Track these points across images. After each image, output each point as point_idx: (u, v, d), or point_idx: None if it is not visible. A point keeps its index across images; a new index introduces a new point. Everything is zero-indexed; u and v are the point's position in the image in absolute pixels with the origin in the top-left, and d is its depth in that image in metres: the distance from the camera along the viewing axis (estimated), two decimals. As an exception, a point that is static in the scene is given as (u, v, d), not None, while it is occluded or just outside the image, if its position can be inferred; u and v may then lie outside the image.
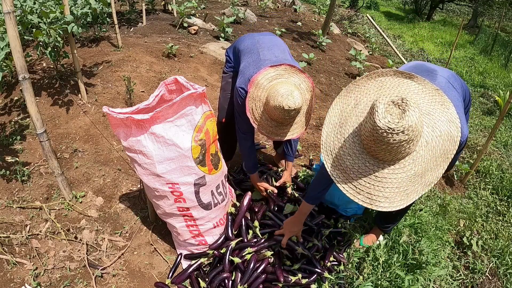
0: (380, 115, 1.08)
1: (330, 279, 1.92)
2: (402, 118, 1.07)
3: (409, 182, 1.17)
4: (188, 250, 2.01)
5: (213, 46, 4.55)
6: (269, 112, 1.79)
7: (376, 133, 1.10)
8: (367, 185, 1.20)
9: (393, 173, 1.18)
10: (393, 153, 1.14)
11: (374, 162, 1.20)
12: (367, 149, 1.20)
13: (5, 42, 2.30)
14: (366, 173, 1.20)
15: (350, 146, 1.25)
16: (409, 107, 1.08)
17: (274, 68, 1.85)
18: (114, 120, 1.61)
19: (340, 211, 2.33)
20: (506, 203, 3.05)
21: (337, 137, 1.29)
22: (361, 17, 9.74)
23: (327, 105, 4.10)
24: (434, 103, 1.25)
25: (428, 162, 1.17)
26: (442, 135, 1.19)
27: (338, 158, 1.27)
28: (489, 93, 5.90)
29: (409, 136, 1.08)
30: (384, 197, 1.18)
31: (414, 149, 1.16)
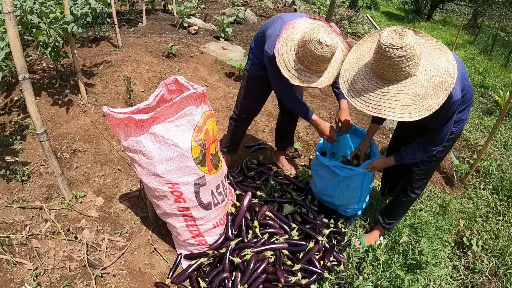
0: (384, 37, 1.37)
1: (330, 279, 1.92)
2: (400, 39, 1.34)
3: (410, 99, 1.42)
4: (188, 250, 2.01)
5: (213, 46, 4.55)
6: (301, 50, 1.71)
7: (380, 49, 1.37)
8: (374, 99, 1.47)
9: (396, 90, 1.44)
10: (396, 70, 1.39)
11: (381, 82, 1.47)
12: (375, 71, 1.47)
13: (5, 42, 2.30)
14: (374, 90, 1.48)
15: (362, 73, 1.53)
16: (407, 32, 1.36)
17: (312, 20, 1.84)
18: (114, 120, 1.61)
19: (340, 211, 2.33)
20: (506, 203, 3.05)
21: (353, 69, 1.58)
22: (361, 17, 9.75)
23: (327, 105, 4.10)
24: (434, 48, 1.50)
25: (428, 87, 1.41)
26: (440, 69, 1.43)
27: (352, 83, 1.55)
28: (489, 93, 5.90)
29: (407, 53, 1.34)
30: (388, 107, 1.44)
31: (414, 72, 1.42)
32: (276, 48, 1.78)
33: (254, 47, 2.19)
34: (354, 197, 2.21)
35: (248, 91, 2.31)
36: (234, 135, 2.57)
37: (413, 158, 1.85)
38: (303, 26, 1.81)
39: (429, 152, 1.78)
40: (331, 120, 3.78)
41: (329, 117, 3.82)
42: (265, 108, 3.64)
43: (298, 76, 1.78)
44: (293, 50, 1.77)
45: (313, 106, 3.98)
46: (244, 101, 2.37)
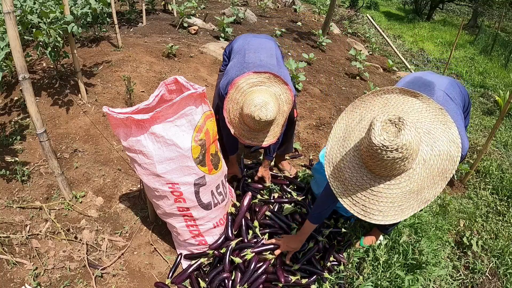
0: (376, 133, 1.13)
1: (330, 279, 1.92)
2: (397, 137, 1.11)
3: (403, 198, 1.21)
4: (188, 250, 2.01)
5: (213, 46, 4.55)
6: (243, 117, 1.85)
7: (372, 149, 1.15)
8: (363, 198, 1.25)
9: (388, 188, 1.22)
10: (388, 169, 1.18)
11: (371, 177, 1.24)
12: (365, 164, 1.24)
13: (5, 42, 2.30)
14: (363, 186, 1.25)
15: (350, 159, 1.30)
16: (405, 126, 1.12)
17: (257, 74, 1.89)
18: (114, 120, 1.61)
19: (341, 212, 2.33)
20: (506, 203, 3.05)
21: (340, 150, 1.34)
22: (361, 17, 9.75)
23: (327, 105, 4.10)
24: (436, 122, 1.28)
25: (425, 180, 1.21)
26: (441, 154, 1.22)
27: (339, 170, 1.32)
28: (489, 93, 5.90)
29: (403, 154, 1.12)
30: (378, 210, 1.23)
31: (410, 166, 1.20)
32: (224, 107, 1.91)
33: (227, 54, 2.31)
34: None
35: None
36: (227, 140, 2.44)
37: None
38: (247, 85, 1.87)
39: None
40: (332, 120, 3.78)
41: (329, 117, 3.82)
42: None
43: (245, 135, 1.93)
44: (238, 112, 1.89)
45: (313, 106, 3.98)
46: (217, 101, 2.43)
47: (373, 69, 5.71)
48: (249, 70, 1.91)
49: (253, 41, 2.15)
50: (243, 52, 2.06)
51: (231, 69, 2.02)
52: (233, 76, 1.93)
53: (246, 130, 1.92)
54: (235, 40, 2.26)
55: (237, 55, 2.09)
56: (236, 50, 2.15)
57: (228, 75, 1.99)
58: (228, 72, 2.02)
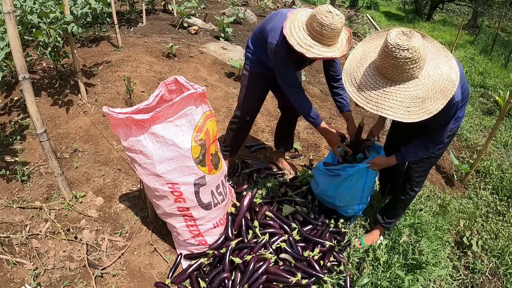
0: (392, 36, 1.38)
1: (330, 280, 1.92)
2: (408, 40, 1.35)
3: (410, 101, 1.44)
4: (188, 250, 2.01)
5: (213, 46, 4.55)
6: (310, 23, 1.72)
7: (387, 48, 1.38)
8: (375, 97, 1.49)
9: (398, 90, 1.46)
10: (400, 71, 1.41)
11: (383, 81, 1.49)
12: (379, 69, 1.48)
13: (5, 42, 2.30)
14: (376, 88, 1.50)
15: (366, 70, 1.55)
16: (415, 35, 1.37)
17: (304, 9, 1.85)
18: (114, 120, 1.61)
19: (341, 212, 2.33)
20: (506, 203, 3.05)
21: (357, 65, 1.60)
22: (361, 17, 9.75)
23: (327, 105, 4.10)
24: (439, 54, 1.52)
25: (428, 91, 1.43)
26: (443, 75, 1.45)
27: (355, 78, 1.57)
28: (489, 93, 5.90)
29: (413, 55, 1.35)
30: (388, 106, 1.46)
31: (417, 75, 1.44)
32: (284, 30, 1.76)
33: (252, 45, 2.18)
34: (355, 198, 2.21)
35: (250, 90, 2.30)
36: (236, 138, 2.53)
37: (414, 157, 1.86)
38: (305, 12, 1.84)
39: (430, 150, 1.80)
40: (331, 120, 3.78)
41: (329, 117, 3.82)
42: (265, 108, 3.64)
43: (311, 49, 1.75)
44: (302, 28, 1.77)
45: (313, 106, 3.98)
46: (247, 101, 2.34)
47: (373, 69, 5.71)
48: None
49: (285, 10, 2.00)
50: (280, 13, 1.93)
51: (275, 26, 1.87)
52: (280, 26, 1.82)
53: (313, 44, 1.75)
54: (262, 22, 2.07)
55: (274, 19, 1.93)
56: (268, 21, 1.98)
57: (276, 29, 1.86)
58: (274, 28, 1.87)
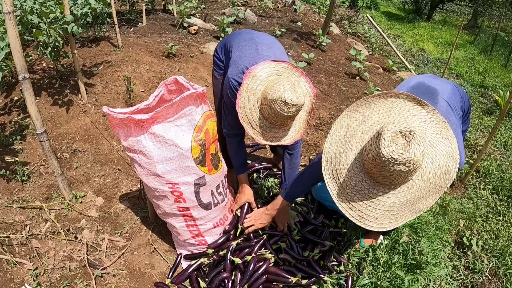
0: (386, 143, 1.12)
1: (331, 280, 1.92)
2: (406, 151, 1.10)
3: (399, 208, 1.23)
4: (188, 250, 2.02)
5: (213, 46, 4.55)
6: (265, 107, 1.58)
7: (379, 159, 1.14)
8: (360, 203, 1.25)
9: (386, 197, 1.23)
10: (391, 179, 1.19)
11: (371, 183, 1.24)
12: (367, 170, 1.24)
13: (5, 42, 2.30)
14: (362, 192, 1.25)
15: (351, 162, 1.28)
16: (415, 140, 1.11)
17: (275, 63, 1.68)
18: (114, 120, 1.61)
19: (341, 212, 2.33)
20: (506, 203, 3.05)
21: (340, 150, 1.32)
22: (361, 17, 9.74)
23: (327, 105, 4.10)
24: (439, 135, 1.27)
25: (422, 191, 1.22)
26: (440, 168, 1.23)
27: (337, 171, 1.30)
28: (489, 93, 5.90)
29: (410, 168, 1.13)
30: (374, 217, 1.24)
31: (411, 178, 1.21)
32: (238, 101, 1.63)
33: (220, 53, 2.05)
34: None
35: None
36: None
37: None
38: (265, 73, 1.65)
39: None
40: (331, 120, 3.78)
41: (329, 117, 3.82)
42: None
43: (263, 133, 1.66)
44: (256, 104, 1.63)
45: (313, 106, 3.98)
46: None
47: (373, 69, 5.71)
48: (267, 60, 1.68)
49: (262, 36, 1.93)
50: (254, 45, 1.80)
51: (240, 59, 1.75)
52: (247, 65, 1.68)
53: (266, 126, 1.64)
54: (233, 35, 1.97)
55: (245, 47, 1.81)
56: (241, 43, 1.87)
57: (239, 65, 1.72)
58: (236, 62, 1.75)
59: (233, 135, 1.97)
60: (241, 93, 1.64)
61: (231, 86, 1.73)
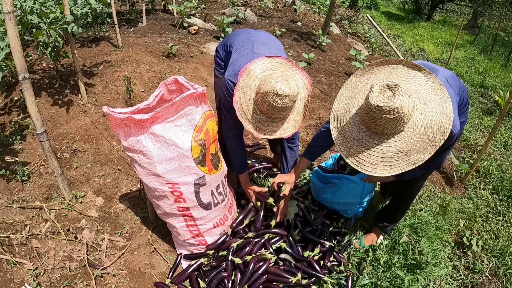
0: (374, 94, 1.29)
1: (331, 280, 1.92)
2: (391, 100, 1.26)
3: (393, 156, 1.37)
4: (188, 250, 2.02)
5: (213, 46, 4.55)
6: (260, 101, 1.62)
7: (369, 108, 1.32)
8: (358, 150, 1.43)
9: (381, 145, 1.39)
10: (382, 128, 1.35)
11: (368, 133, 1.41)
12: (364, 121, 1.42)
13: (5, 42, 2.30)
14: (360, 140, 1.43)
15: (352, 116, 1.47)
16: (400, 91, 1.27)
17: (270, 59, 1.72)
18: (114, 120, 1.61)
19: (341, 212, 2.33)
20: (506, 203, 3.05)
21: (344, 108, 1.51)
22: (361, 17, 9.75)
23: (327, 105, 4.10)
24: (434, 95, 1.39)
25: (414, 143, 1.35)
26: (433, 123, 1.34)
27: (342, 124, 1.50)
28: (489, 93, 5.90)
29: (395, 116, 1.28)
30: (369, 162, 1.40)
31: (402, 129, 1.36)
32: (234, 98, 1.67)
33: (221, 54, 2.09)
34: (354, 202, 2.21)
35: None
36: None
37: (413, 175, 1.79)
38: (259, 69, 1.69)
39: (428, 169, 1.75)
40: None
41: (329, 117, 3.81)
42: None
43: (261, 127, 1.69)
44: (252, 100, 1.67)
45: (313, 106, 3.98)
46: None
47: (373, 69, 5.71)
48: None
49: (259, 34, 1.98)
50: (251, 45, 1.86)
51: (237, 60, 1.80)
52: (242, 65, 1.73)
53: (263, 120, 1.67)
54: (232, 35, 2.02)
55: (242, 48, 1.87)
56: (238, 44, 1.92)
57: (235, 65, 1.77)
58: (233, 63, 1.80)
59: (232, 135, 2.00)
60: (237, 90, 1.68)
61: (227, 87, 1.77)
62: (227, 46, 2.02)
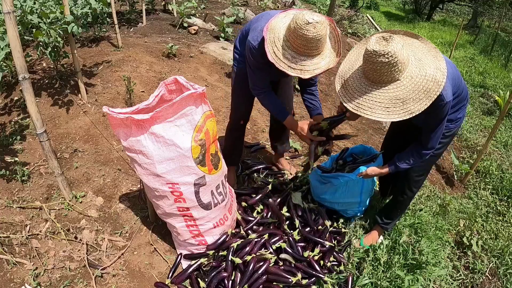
0: (371, 43, 1.45)
1: (331, 280, 1.92)
2: (385, 46, 1.41)
3: (390, 102, 1.51)
4: (188, 250, 2.02)
5: (213, 46, 4.55)
6: (292, 38, 1.64)
7: (366, 54, 1.47)
8: (357, 97, 1.58)
9: (378, 92, 1.53)
10: (378, 74, 1.48)
11: (367, 83, 1.57)
12: (364, 73, 1.57)
13: (5, 42, 2.30)
14: (360, 89, 1.58)
15: (354, 72, 1.64)
16: (393, 39, 1.41)
17: (285, 12, 1.79)
18: (114, 120, 1.61)
19: (341, 213, 2.33)
20: (506, 203, 3.05)
21: (348, 67, 1.68)
22: (361, 17, 9.75)
23: (327, 105, 4.10)
24: (428, 54, 1.54)
25: (410, 92, 1.48)
26: (427, 76, 1.47)
27: (345, 79, 1.67)
28: (489, 93, 5.90)
29: (389, 60, 1.41)
30: (368, 107, 1.54)
31: (398, 77, 1.49)
32: (268, 53, 1.70)
33: (239, 45, 2.14)
34: (354, 202, 2.21)
35: (239, 91, 2.26)
36: (235, 146, 2.50)
37: (408, 164, 1.83)
38: (281, 22, 1.76)
39: (422, 157, 1.78)
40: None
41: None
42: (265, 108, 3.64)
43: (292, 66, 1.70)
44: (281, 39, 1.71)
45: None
46: (238, 104, 2.32)
47: (373, 69, 5.71)
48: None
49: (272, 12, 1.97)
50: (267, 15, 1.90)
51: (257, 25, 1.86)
52: (263, 26, 1.78)
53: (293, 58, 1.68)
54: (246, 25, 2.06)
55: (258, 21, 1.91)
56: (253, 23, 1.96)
57: (257, 28, 1.83)
58: (255, 28, 1.85)
59: (261, 92, 2.06)
60: (267, 44, 1.72)
61: (251, 47, 1.85)
62: (243, 36, 2.07)
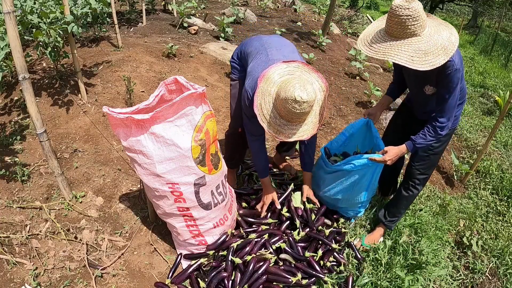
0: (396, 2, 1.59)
1: (331, 280, 1.92)
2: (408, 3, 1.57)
3: (414, 52, 1.62)
4: (188, 250, 2.02)
5: (213, 46, 4.55)
6: (279, 106, 1.70)
7: (391, 10, 1.61)
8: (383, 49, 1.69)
9: (402, 44, 1.65)
10: (402, 27, 1.61)
11: (390, 38, 1.68)
12: (387, 30, 1.70)
13: (5, 42, 2.30)
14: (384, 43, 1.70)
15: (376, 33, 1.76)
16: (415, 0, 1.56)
17: (287, 64, 1.80)
18: (114, 120, 1.61)
19: (341, 213, 2.33)
20: (506, 203, 3.05)
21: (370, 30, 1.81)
22: (361, 17, 9.74)
23: (327, 105, 4.10)
24: (441, 26, 1.70)
25: (430, 46, 1.61)
26: (443, 36, 1.63)
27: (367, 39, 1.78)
28: (489, 93, 5.90)
29: (413, 13, 1.56)
30: (395, 53, 1.66)
31: (419, 33, 1.63)
32: (255, 104, 1.76)
33: (237, 58, 2.17)
34: (359, 197, 2.20)
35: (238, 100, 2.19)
36: (235, 151, 2.46)
37: (424, 141, 1.86)
38: (277, 75, 1.77)
39: (438, 132, 1.82)
40: (331, 119, 3.78)
41: (329, 117, 3.82)
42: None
43: (282, 131, 1.78)
44: (271, 105, 1.77)
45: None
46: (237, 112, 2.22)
47: (373, 69, 5.71)
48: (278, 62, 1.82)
49: (271, 39, 2.04)
50: (265, 51, 1.93)
51: (255, 69, 1.88)
52: (260, 72, 1.81)
53: (283, 124, 1.76)
54: (246, 43, 2.11)
55: (257, 55, 1.96)
56: (253, 51, 2.01)
57: (253, 74, 1.86)
58: (251, 72, 1.89)
59: (255, 140, 2.07)
60: (258, 96, 1.76)
61: (247, 96, 1.85)
62: (242, 53, 2.11)
